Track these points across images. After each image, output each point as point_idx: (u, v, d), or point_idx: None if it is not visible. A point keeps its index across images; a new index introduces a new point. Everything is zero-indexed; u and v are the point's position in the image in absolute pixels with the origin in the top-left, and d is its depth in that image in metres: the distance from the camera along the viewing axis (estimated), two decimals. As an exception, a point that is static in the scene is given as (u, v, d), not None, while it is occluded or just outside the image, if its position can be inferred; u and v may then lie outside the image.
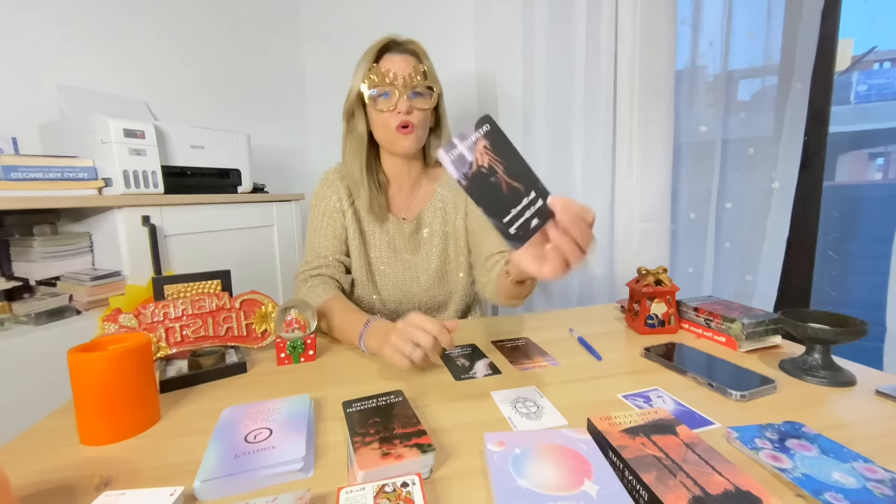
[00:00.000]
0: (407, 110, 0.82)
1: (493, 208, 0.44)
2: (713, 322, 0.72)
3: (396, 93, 0.82)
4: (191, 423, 0.52)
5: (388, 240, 0.93)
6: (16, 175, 0.91)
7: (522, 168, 0.44)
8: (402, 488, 0.36)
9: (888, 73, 1.70)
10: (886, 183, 1.72)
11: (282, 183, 1.78)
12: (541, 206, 0.44)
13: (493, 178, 0.44)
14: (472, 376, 0.62)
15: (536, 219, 0.44)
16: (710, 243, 1.31)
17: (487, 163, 0.44)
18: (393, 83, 0.82)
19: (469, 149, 0.44)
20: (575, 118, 1.37)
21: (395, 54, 0.84)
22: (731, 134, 1.27)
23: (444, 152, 0.44)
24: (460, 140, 0.44)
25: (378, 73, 0.82)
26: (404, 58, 0.84)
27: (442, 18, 1.61)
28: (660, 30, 1.20)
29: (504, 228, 0.44)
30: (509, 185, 0.44)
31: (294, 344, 0.68)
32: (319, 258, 0.89)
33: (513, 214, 0.44)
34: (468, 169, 0.44)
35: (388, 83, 0.82)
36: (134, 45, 1.37)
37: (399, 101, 0.82)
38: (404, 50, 0.85)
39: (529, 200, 0.44)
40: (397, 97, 0.82)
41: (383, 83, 0.82)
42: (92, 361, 0.47)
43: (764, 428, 0.45)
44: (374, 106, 0.84)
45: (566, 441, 0.41)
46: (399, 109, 0.82)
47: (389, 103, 0.83)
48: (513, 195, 0.44)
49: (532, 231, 0.44)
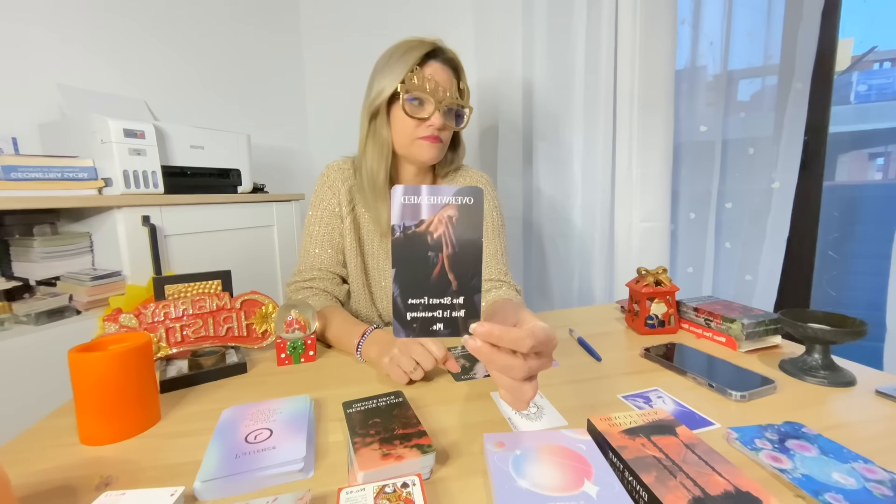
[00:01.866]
0: (441, 126, 0.77)
1: (406, 280, 0.36)
2: (713, 322, 0.72)
3: (433, 104, 0.77)
4: (191, 424, 0.52)
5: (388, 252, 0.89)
6: (16, 175, 0.91)
7: (471, 267, 0.36)
8: (403, 489, 0.36)
9: (888, 73, 1.69)
10: (886, 183, 1.72)
11: (282, 183, 1.78)
12: (458, 318, 0.37)
13: (430, 254, 0.36)
14: (472, 377, 0.62)
15: (442, 325, 0.37)
16: (710, 243, 1.31)
17: (438, 235, 0.36)
18: (433, 93, 0.76)
19: (431, 207, 0.36)
20: (575, 118, 1.37)
21: (438, 63, 0.78)
22: (731, 134, 1.26)
23: (402, 191, 0.36)
24: (429, 193, 0.36)
25: (420, 78, 0.75)
26: (446, 69, 0.79)
27: (442, 18, 1.62)
28: (660, 30, 1.20)
29: (402, 309, 0.37)
30: (442, 274, 0.36)
31: (294, 344, 0.68)
32: (313, 269, 0.84)
33: (422, 303, 0.36)
34: (413, 226, 0.36)
35: (428, 91, 0.76)
36: (134, 45, 1.37)
37: (434, 115, 0.77)
38: (447, 60, 0.79)
39: (452, 303, 0.37)
40: (433, 109, 0.77)
41: (423, 90, 0.76)
42: (92, 361, 0.47)
43: (764, 428, 0.45)
44: (406, 110, 0.77)
45: (566, 442, 0.41)
46: (433, 123, 0.77)
47: (423, 112, 0.77)
48: (439, 286, 0.36)
49: (430, 333, 0.37)
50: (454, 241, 0.36)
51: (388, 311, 0.91)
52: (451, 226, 0.36)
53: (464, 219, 0.36)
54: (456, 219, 0.36)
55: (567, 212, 1.44)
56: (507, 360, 0.37)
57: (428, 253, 0.36)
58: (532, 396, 0.38)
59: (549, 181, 1.46)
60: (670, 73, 1.23)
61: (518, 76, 1.42)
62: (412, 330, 0.37)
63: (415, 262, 0.36)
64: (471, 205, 0.36)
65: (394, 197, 0.36)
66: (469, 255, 0.36)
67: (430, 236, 0.36)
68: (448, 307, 0.37)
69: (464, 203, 0.36)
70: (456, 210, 0.36)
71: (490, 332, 0.36)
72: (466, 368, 0.64)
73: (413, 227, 0.36)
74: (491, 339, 0.36)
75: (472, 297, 0.37)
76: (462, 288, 0.37)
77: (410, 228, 0.36)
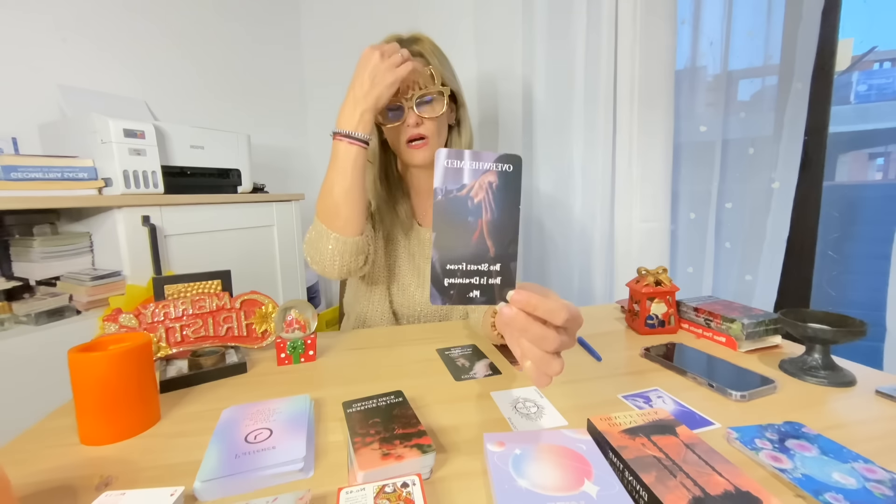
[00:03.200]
0: (416, 122, 0.76)
1: (446, 245, 0.36)
2: (713, 322, 0.72)
3: (404, 105, 0.75)
4: (191, 423, 0.52)
5: (408, 247, 0.89)
6: (16, 175, 0.91)
7: (509, 234, 0.36)
8: (403, 489, 0.36)
9: (888, 73, 1.70)
10: (886, 183, 1.72)
11: (282, 183, 1.79)
12: (494, 285, 0.37)
13: (470, 219, 0.36)
14: (472, 376, 0.62)
15: (479, 292, 0.37)
16: (710, 243, 1.31)
17: (479, 200, 0.36)
18: (397, 97, 0.75)
19: (472, 172, 0.36)
20: (575, 118, 1.37)
21: None
22: (731, 134, 1.27)
23: (446, 155, 0.36)
24: (471, 158, 0.36)
25: None
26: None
27: (442, 18, 1.62)
28: (660, 30, 1.21)
29: (440, 275, 0.36)
30: (481, 239, 0.36)
31: (294, 344, 0.68)
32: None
33: (460, 269, 0.36)
34: (455, 190, 0.36)
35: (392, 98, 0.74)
36: (134, 45, 1.37)
37: (407, 114, 0.75)
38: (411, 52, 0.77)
39: (489, 270, 0.37)
40: (405, 110, 0.75)
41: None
42: (92, 361, 0.47)
43: (764, 428, 0.45)
44: (385, 121, 0.77)
45: (566, 441, 0.41)
46: (408, 123, 0.76)
47: (397, 117, 0.76)
48: (477, 251, 0.36)
49: (466, 300, 0.37)
50: (494, 206, 0.36)
51: (403, 307, 0.91)
52: (492, 192, 0.36)
53: (503, 185, 0.36)
54: (496, 185, 0.36)
55: (567, 212, 1.44)
56: (542, 330, 0.36)
57: (468, 218, 0.36)
58: (558, 372, 0.37)
59: (549, 181, 1.46)
60: (670, 73, 1.23)
61: (518, 75, 1.42)
62: (449, 297, 0.37)
63: (455, 226, 0.36)
64: (510, 172, 0.36)
65: (437, 160, 0.36)
66: (507, 221, 0.36)
67: (471, 201, 0.36)
68: (485, 274, 0.37)
69: (503, 170, 0.36)
70: (496, 176, 0.36)
71: (528, 301, 0.35)
72: (466, 368, 0.64)
73: (455, 191, 0.36)
74: (528, 307, 0.36)
75: (509, 264, 0.37)
76: (499, 255, 0.37)
77: (452, 192, 0.36)
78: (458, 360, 0.67)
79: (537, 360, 0.37)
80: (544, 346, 0.36)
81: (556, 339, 0.36)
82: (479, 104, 1.56)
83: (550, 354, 0.37)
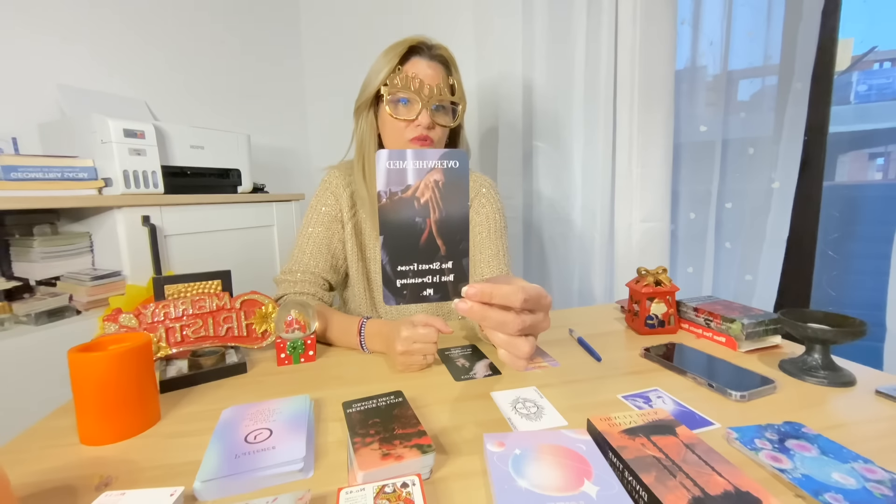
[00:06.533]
0: (429, 125, 0.75)
1: (394, 247, 0.36)
2: (713, 322, 0.72)
3: (419, 103, 0.74)
4: (191, 424, 0.52)
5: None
6: (16, 175, 0.91)
7: (459, 231, 0.36)
8: (402, 489, 0.36)
9: (888, 73, 1.69)
10: (886, 183, 1.72)
11: (282, 183, 1.78)
12: (448, 283, 0.37)
13: (418, 219, 0.35)
14: (472, 377, 0.62)
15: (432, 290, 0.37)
16: (710, 243, 1.31)
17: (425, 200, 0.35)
18: (418, 92, 0.74)
19: (417, 172, 0.35)
20: (575, 118, 1.37)
21: (423, 59, 0.77)
22: (731, 134, 1.26)
23: (387, 156, 0.35)
24: (414, 157, 0.35)
25: (403, 78, 0.73)
26: (433, 65, 0.77)
27: (442, 18, 1.62)
28: (660, 30, 1.20)
29: (392, 277, 0.36)
30: (430, 239, 0.36)
31: (294, 344, 0.68)
32: (304, 272, 0.83)
33: (411, 270, 0.36)
34: (399, 191, 0.35)
35: (412, 91, 0.74)
36: (134, 45, 1.37)
37: (421, 113, 0.75)
38: (434, 56, 0.78)
39: (441, 268, 0.36)
40: (419, 108, 0.75)
41: (407, 90, 0.74)
42: (92, 361, 0.47)
43: (764, 428, 0.45)
44: (393, 111, 0.76)
45: (566, 442, 0.41)
46: (420, 122, 0.75)
47: (409, 112, 0.76)
48: (428, 251, 0.36)
49: (420, 299, 0.37)
50: (441, 205, 0.35)
51: (386, 313, 0.92)
52: (438, 190, 0.35)
53: (450, 183, 0.35)
54: (442, 183, 0.35)
55: (567, 212, 1.44)
56: (500, 315, 0.36)
57: (416, 218, 0.35)
58: (529, 352, 0.38)
59: (549, 181, 1.46)
60: (670, 73, 1.23)
61: (518, 76, 1.42)
62: (402, 297, 0.37)
63: (402, 228, 0.35)
64: (456, 168, 0.35)
65: (378, 162, 0.35)
66: (456, 219, 0.36)
67: (417, 202, 0.35)
68: (437, 272, 0.37)
69: (449, 167, 0.35)
70: (442, 174, 0.35)
71: (481, 291, 0.36)
72: (466, 368, 0.64)
73: (399, 193, 0.35)
74: (482, 297, 0.36)
75: (461, 260, 0.37)
76: (450, 252, 0.36)
77: (397, 194, 0.35)
78: (457, 361, 0.67)
79: (504, 344, 0.38)
80: (506, 329, 0.37)
81: (516, 321, 0.37)
82: (479, 105, 1.56)
83: (517, 337, 0.37)
